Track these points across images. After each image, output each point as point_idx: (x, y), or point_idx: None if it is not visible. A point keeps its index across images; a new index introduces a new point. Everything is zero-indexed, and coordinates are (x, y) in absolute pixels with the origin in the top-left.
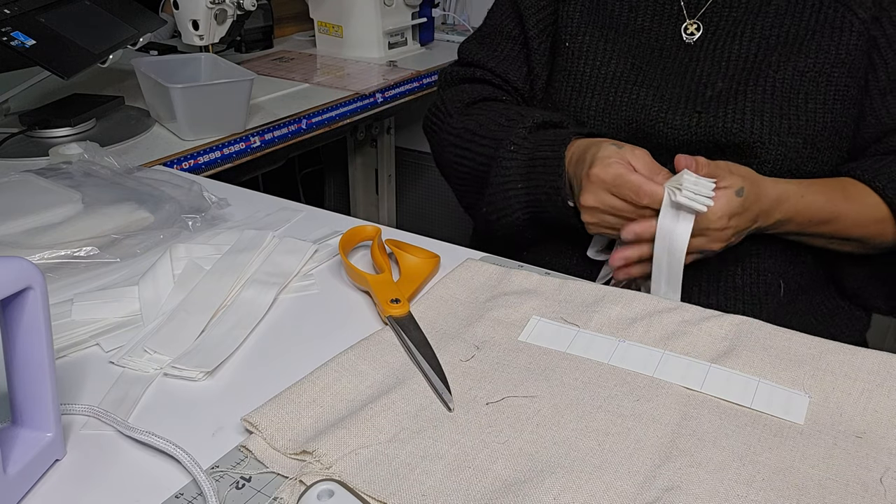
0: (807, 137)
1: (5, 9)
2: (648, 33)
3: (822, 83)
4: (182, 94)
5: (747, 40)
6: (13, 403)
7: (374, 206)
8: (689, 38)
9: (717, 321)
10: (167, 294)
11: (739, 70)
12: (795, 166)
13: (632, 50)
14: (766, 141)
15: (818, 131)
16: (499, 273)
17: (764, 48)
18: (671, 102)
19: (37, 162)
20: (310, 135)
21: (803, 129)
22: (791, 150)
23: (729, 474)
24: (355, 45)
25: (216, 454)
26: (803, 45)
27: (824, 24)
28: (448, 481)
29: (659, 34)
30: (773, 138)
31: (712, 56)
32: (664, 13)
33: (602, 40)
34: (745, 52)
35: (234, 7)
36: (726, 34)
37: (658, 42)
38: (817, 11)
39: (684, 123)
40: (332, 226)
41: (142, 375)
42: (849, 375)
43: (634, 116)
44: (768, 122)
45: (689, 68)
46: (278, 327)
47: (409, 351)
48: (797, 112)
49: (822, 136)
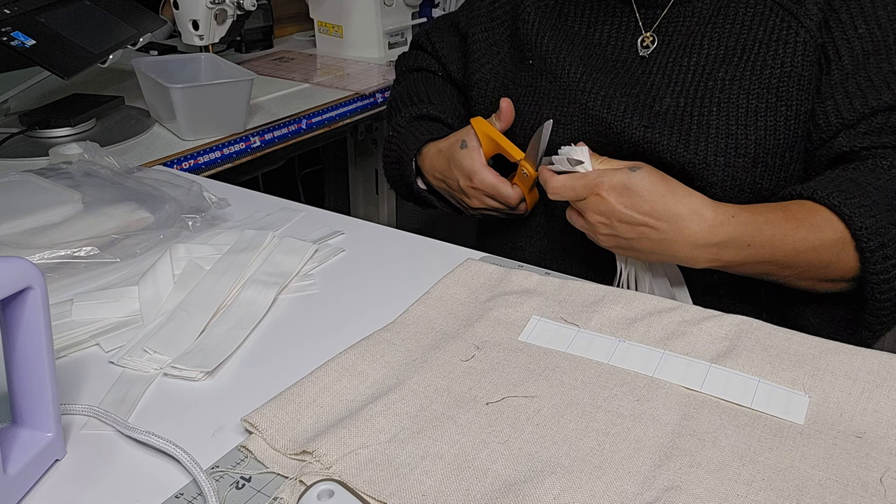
0: (756, 157)
1: (5, 9)
2: (605, 47)
3: (772, 99)
4: (182, 94)
5: (696, 53)
6: (13, 403)
7: (374, 206)
8: (644, 52)
9: (717, 321)
10: (167, 294)
11: (687, 85)
12: (745, 186)
13: (586, 60)
14: (710, 162)
15: (768, 149)
16: (499, 273)
17: (712, 62)
18: (619, 113)
19: (37, 162)
20: (310, 135)
21: (751, 148)
22: (739, 171)
23: (729, 474)
24: (355, 45)
25: (216, 454)
26: (750, 60)
27: (771, 36)
28: (448, 481)
29: (615, 47)
30: (717, 159)
31: (663, 69)
32: (621, 26)
33: (557, 52)
34: (693, 66)
35: (234, 7)
36: (678, 47)
37: (614, 54)
38: (764, 22)
39: (631, 136)
40: (332, 226)
41: (142, 375)
42: (849, 375)
43: (586, 128)
44: (713, 143)
45: (641, 81)
46: (278, 327)
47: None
48: (745, 131)
49: (773, 154)
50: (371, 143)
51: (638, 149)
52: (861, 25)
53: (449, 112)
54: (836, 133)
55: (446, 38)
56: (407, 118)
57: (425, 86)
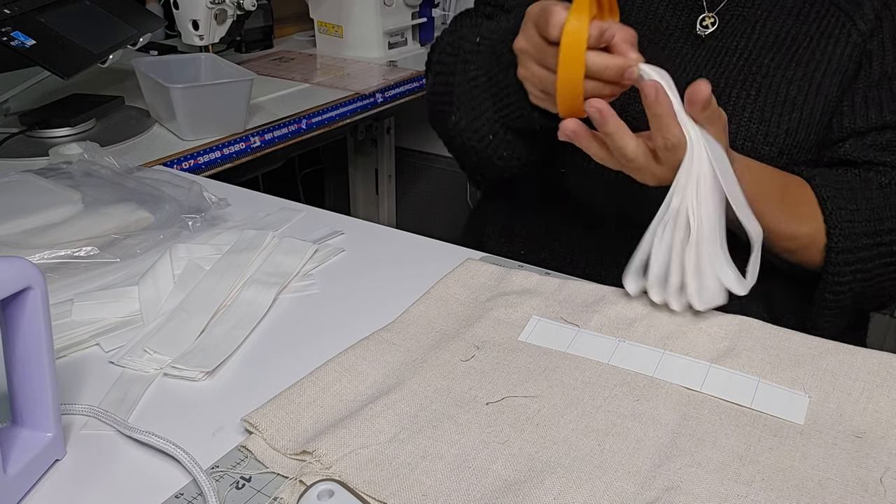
0: (783, 147)
1: (5, 9)
2: (660, 23)
3: (812, 92)
4: (182, 94)
5: (747, 38)
6: (13, 403)
7: (374, 206)
8: (702, 31)
9: (717, 321)
10: (167, 294)
11: (731, 67)
12: None
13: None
14: (738, 147)
15: (797, 142)
16: (499, 273)
17: (760, 48)
18: None
19: (37, 162)
20: (310, 135)
21: (781, 138)
22: (764, 159)
23: (729, 474)
24: (355, 45)
25: (216, 454)
26: (798, 52)
27: (824, 32)
28: (448, 481)
29: (671, 25)
30: (745, 144)
31: (713, 52)
32: (681, 4)
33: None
34: (741, 50)
35: (234, 7)
36: (734, 31)
37: (667, 33)
38: (821, 18)
39: None
40: (332, 226)
41: (142, 375)
42: (849, 375)
43: (625, 111)
44: (744, 127)
45: (689, 65)
46: (278, 327)
47: None
48: (778, 120)
49: (802, 148)
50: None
51: None
52: None
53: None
54: (846, 138)
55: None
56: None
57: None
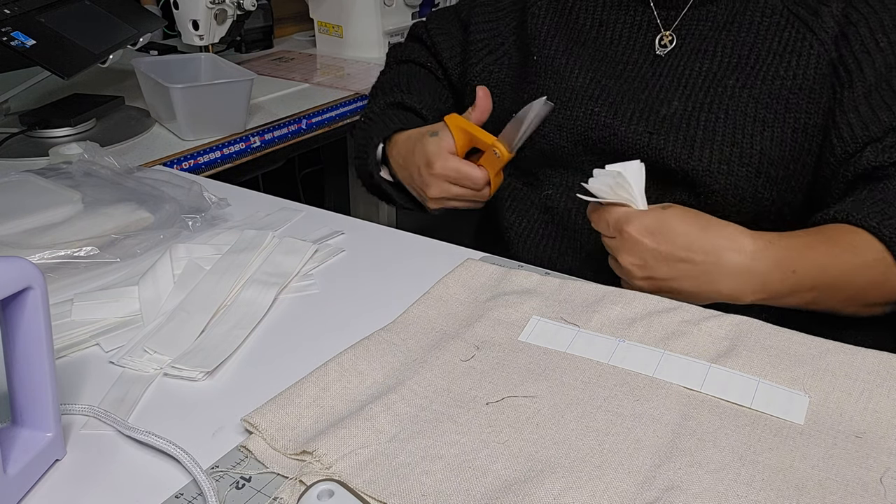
0: (759, 167)
1: (5, 9)
2: (616, 47)
3: (780, 110)
4: (182, 94)
5: (709, 59)
6: (13, 403)
7: (375, 206)
8: (661, 51)
9: (717, 321)
10: (167, 294)
11: (696, 90)
12: (747, 195)
13: (595, 64)
14: (713, 170)
15: (773, 160)
16: (499, 273)
17: (724, 69)
18: (626, 119)
19: (37, 162)
20: (310, 135)
21: (755, 158)
22: (741, 180)
23: (729, 474)
24: (355, 45)
25: (216, 454)
26: (762, 69)
27: (785, 47)
28: (448, 481)
29: (628, 47)
30: (721, 167)
31: (675, 72)
32: (637, 25)
33: (566, 54)
34: (705, 72)
35: (234, 7)
36: (693, 50)
37: (625, 55)
38: (780, 32)
39: (636, 143)
40: (332, 226)
41: (142, 375)
42: (849, 375)
43: (590, 133)
44: (718, 150)
45: (650, 83)
46: (278, 327)
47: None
48: (751, 140)
49: (777, 166)
50: None
51: (642, 155)
52: (882, 39)
53: (427, 105)
54: (863, 147)
55: (445, 28)
56: (381, 105)
57: (408, 77)
